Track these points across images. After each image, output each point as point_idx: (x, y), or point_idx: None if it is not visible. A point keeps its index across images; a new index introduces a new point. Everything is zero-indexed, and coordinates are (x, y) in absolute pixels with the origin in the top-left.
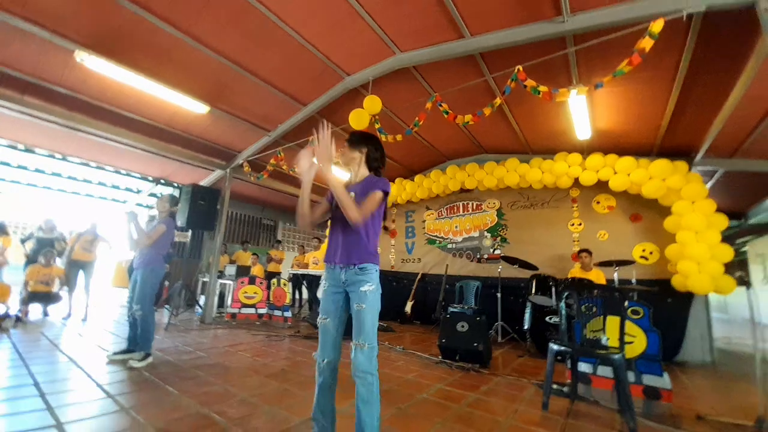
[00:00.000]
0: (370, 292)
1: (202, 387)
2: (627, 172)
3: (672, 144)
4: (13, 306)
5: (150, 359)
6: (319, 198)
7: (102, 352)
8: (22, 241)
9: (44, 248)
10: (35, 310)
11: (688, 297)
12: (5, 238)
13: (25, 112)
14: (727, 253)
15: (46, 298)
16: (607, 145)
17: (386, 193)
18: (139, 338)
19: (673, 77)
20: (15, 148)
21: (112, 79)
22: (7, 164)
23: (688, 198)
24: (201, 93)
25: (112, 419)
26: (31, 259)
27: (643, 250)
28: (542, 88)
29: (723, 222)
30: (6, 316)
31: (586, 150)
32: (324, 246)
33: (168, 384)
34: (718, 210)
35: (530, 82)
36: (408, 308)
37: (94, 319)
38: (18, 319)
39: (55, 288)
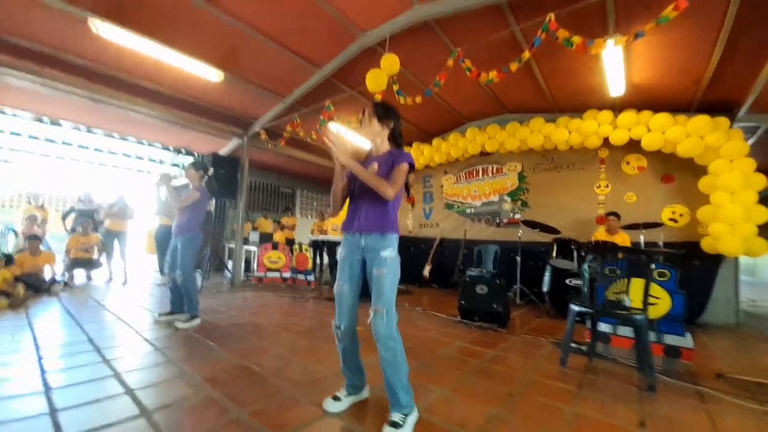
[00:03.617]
0: (390, 258)
1: (238, 342)
2: (662, 130)
3: (714, 98)
4: (59, 273)
5: (197, 321)
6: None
7: (144, 311)
8: (63, 217)
9: (84, 219)
10: (80, 275)
11: (716, 259)
12: (42, 211)
13: (48, 84)
14: (763, 214)
15: (88, 264)
16: (641, 100)
17: (412, 166)
18: (185, 302)
19: (720, 25)
20: (41, 121)
21: (128, 49)
22: (35, 138)
23: (727, 156)
24: (215, 58)
25: (162, 368)
26: (73, 230)
27: (673, 212)
28: (576, 39)
29: (761, 182)
30: (53, 281)
31: (617, 107)
32: (342, 213)
33: (208, 339)
34: (758, 170)
35: (563, 33)
36: (426, 272)
37: (133, 282)
38: (65, 284)
39: (94, 255)
